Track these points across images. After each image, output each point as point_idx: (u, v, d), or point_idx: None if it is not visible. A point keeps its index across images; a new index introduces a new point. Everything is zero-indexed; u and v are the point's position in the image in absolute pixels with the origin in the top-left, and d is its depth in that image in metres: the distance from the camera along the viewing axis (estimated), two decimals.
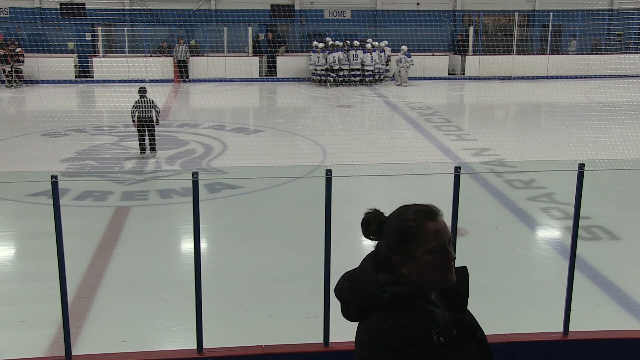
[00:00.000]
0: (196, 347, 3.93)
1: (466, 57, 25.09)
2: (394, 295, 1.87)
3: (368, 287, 1.92)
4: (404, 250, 1.91)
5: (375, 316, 1.88)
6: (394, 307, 1.86)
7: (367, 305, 1.91)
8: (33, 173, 9.48)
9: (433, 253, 1.89)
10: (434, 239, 1.89)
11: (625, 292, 6.22)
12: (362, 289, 1.94)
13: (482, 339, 1.97)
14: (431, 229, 1.89)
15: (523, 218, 8.69)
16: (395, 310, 1.86)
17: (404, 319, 1.84)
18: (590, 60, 24.32)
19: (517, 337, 4.14)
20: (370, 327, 1.89)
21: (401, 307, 1.86)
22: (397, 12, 25.98)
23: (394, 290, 1.87)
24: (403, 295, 1.87)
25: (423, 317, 1.85)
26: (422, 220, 1.90)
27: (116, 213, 8.82)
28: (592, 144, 12.71)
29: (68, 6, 24.35)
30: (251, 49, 24.73)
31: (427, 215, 1.92)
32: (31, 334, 5.49)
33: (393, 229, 1.94)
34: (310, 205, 7.97)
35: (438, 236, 1.89)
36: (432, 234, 1.89)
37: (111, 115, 16.49)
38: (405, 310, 1.85)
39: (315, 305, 4.29)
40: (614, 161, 10.38)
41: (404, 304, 1.86)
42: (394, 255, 1.92)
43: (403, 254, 1.91)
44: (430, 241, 1.88)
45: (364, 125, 16.83)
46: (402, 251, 1.91)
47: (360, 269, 2.01)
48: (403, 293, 1.87)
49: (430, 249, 1.89)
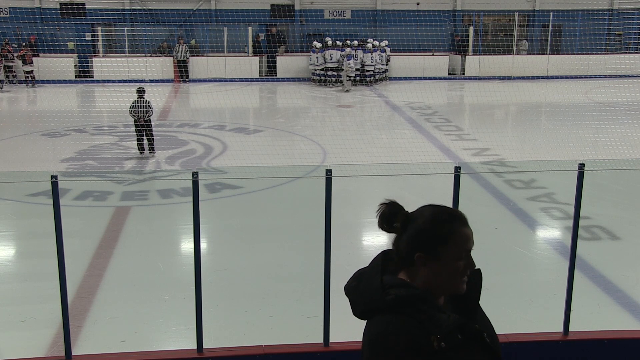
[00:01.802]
0: (196, 347, 3.93)
1: (466, 57, 25.08)
2: (398, 298, 1.86)
3: (373, 288, 1.92)
4: (433, 251, 1.91)
5: (378, 319, 1.88)
6: (398, 311, 1.86)
7: (370, 307, 1.91)
8: (33, 173, 9.47)
9: (459, 259, 1.91)
10: (465, 245, 1.92)
11: (625, 292, 6.22)
12: (367, 290, 1.94)
13: (489, 344, 1.94)
14: (465, 235, 1.92)
15: (523, 218, 8.69)
16: (398, 314, 1.85)
17: (406, 323, 1.84)
18: (590, 60, 24.30)
19: (517, 337, 4.14)
20: (372, 330, 1.89)
21: (405, 310, 1.85)
22: (397, 12, 25.98)
23: (398, 294, 1.87)
24: (407, 299, 1.86)
25: (426, 322, 1.84)
26: (459, 226, 1.93)
27: (116, 213, 8.82)
28: (592, 144, 12.71)
29: (68, 6, 24.34)
30: (251, 49, 24.73)
31: (463, 221, 1.95)
32: (31, 334, 5.49)
33: (427, 230, 1.93)
34: (310, 205, 7.97)
35: (469, 242, 1.93)
36: (464, 240, 1.92)
37: (111, 115, 16.49)
38: (408, 314, 1.85)
39: (315, 305, 4.30)
40: (614, 161, 10.37)
41: (407, 308, 1.86)
42: (418, 253, 1.92)
43: (431, 254, 1.91)
44: (461, 246, 1.91)
45: (364, 125, 16.82)
46: (431, 251, 1.91)
47: (368, 269, 2.01)
48: (407, 297, 1.87)
49: (458, 254, 1.91)
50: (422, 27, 24.59)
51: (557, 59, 25.12)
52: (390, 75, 24.37)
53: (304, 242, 7.40)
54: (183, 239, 7.84)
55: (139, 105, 11.75)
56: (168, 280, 6.52)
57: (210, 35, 25.23)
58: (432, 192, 8.59)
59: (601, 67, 23.25)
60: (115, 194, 9.65)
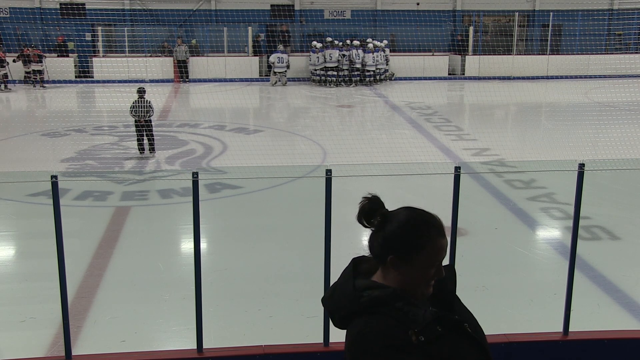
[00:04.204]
0: (196, 347, 3.93)
1: (466, 57, 25.08)
2: (372, 299, 1.90)
3: (347, 294, 1.95)
4: (407, 256, 1.92)
5: (357, 321, 1.91)
6: (374, 311, 1.89)
7: (348, 312, 1.94)
8: (33, 173, 9.48)
9: (431, 267, 1.93)
10: (439, 255, 1.94)
11: (625, 292, 6.22)
12: (342, 296, 1.97)
13: (471, 332, 1.95)
14: (439, 246, 1.94)
15: (523, 218, 8.69)
16: (374, 314, 1.88)
17: (382, 322, 1.86)
18: (590, 60, 24.30)
19: (517, 337, 4.14)
20: (352, 332, 1.92)
21: (380, 310, 1.88)
22: (397, 12, 25.99)
23: (372, 294, 1.90)
24: (381, 299, 1.89)
25: (402, 319, 1.86)
26: (437, 236, 1.94)
27: (116, 213, 8.82)
28: (592, 144, 12.70)
29: (68, 6, 24.34)
30: (251, 49, 24.73)
31: (439, 231, 1.95)
32: (31, 334, 5.49)
33: (403, 234, 1.94)
34: (310, 205, 7.97)
35: (442, 252, 1.95)
36: (438, 251, 1.93)
37: (111, 115, 16.49)
38: (384, 313, 1.87)
39: (315, 305, 4.28)
40: (614, 161, 10.38)
41: (383, 307, 1.88)
42: (391, 256, 1.93)
43: (404, 259, 1.92)
44: (434, 256, 1.93)
45: (364, 125, 16.82)
46: (404, 256, 1.92)
47: (341, 279, 2.05)
48: (381, 296, 1.90)
49: (430, 262, 1.93)
50: (422, 27, 24.60)
51: (557, 59, 25.12)
52: (389, 76, 24.36)
53: (304, 242, 7.40)
54: (183, 239, 7.84)
55: (139, 105, 11.76)
56: (168, 280, 6.52)
57: (210, 35, 25.23)
58: (432, 192, 8.60)
59: (601, 67, 23.25)
60: (115, 194, 9.64)
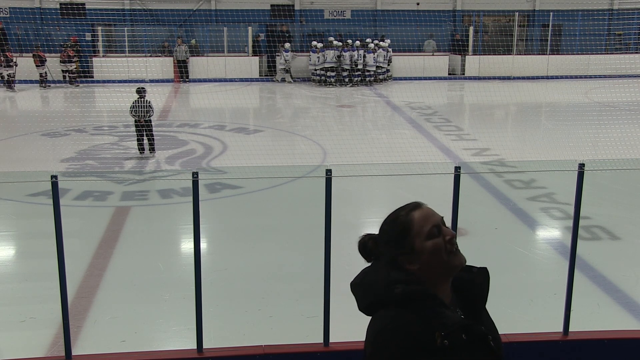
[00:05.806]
0: (196, 347, 3.93)
1: (466, 57, 25.08)
2: (405, 293, 1.86)
3: (379, 281, 1.92)
4: (404, 247, 1.91)
5: (384, 313, 1.88)
6: (403, 306, 1.85)
7: (377, 300, 1.90)
8: (33, 173, 9.47)
9: (431, 237, 1.90)
10: (427, 223, 1.91)
11: (625, 292, 6.22)
12: (374, 284, 1.93)
13: (493, 347, 1.92)
14: (420, 216, 1.93)
15: (523, 218, 8.69)
16: (403, 309, 1.85)
17: (411, 319, 1.83)
18: (590, 60, 24.29)
19: (517, 337, 4.14)
20: (377, 324, 1.88)
21: (410, 306, 1.85)
22: (397, 12, 25.96)
23: (405, 289, 1.86)
24: (414, 295, 1.86)
25: (432, 319, 1.83)
26: (410, 212, 1.94)
27: (116, 213, 8.82)
28: (592, 144, 12.70)
29: (68, 6, 24.32)
30: (251, 49, 24.72)
31: (412, 207, 1.96)
32: (31, 334, 5.49)
33: (386, 233, 1.96)
34: (310, 205, 7.97)
35: (429, 219, 1.92)
36: (422, 220, 1.92)
37: (111, 115, 16.49)
38: (413, 310, 1.84)
39: (315, 305, 4.29)
40: (614, 161, 10.38)
41: (413, 304, 1.85)
42: (397, 257, 1.92)
43: (405, 250, 1.91)
44: (424, 226, 1.91)
45: (364, 125, 16.82)
46: (403, 249, 1.91)
47: (373, 266, 2.02)
48: (414, 292, 1.86)
49: (427, 233, 1.90)
50: (422, 27, 24.59)
51: (557, 59, 25.11)
52: (391, 76, 24.35)
53: (304, 242, 7.40)
54: (183, 239, 7.84)
55: (139, 105, 11.76)
56: (168, 280, 6.52)
57: (210, 35, 25.21)
58: (432, 192, 8.59)
59: (601, 67, 23.24)
60: (115, 194, 9.64)
